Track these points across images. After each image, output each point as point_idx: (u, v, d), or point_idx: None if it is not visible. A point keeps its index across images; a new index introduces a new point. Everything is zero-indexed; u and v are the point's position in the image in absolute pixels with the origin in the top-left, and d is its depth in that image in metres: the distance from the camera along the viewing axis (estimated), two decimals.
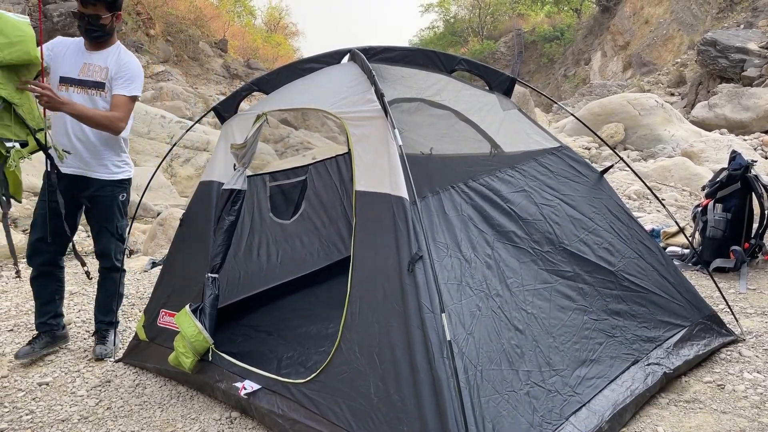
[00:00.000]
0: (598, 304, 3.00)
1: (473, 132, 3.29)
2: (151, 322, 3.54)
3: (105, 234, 3.75)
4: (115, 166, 3.70)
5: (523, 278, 2.82)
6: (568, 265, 3.02)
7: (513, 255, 2.86)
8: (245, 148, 3.24)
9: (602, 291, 3.06)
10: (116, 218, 3.74)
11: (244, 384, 2.92)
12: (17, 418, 3.13)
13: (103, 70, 3.57)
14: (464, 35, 48.16)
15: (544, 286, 2.88)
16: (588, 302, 2.97)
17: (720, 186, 5.07)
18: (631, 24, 31.95)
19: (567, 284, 2.96)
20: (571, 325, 2.84)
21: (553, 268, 2.97)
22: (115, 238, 3.78)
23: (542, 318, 2.76)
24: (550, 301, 2.85)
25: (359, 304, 2.57)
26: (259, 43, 34.39)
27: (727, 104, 15.94)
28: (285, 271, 4.58)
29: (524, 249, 2.92)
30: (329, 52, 3.48)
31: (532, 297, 2.79)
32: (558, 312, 2.84)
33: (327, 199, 5.03)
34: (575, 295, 2.96)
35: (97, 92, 3.56)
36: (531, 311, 2.74)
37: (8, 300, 5.00)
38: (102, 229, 3.75)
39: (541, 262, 2.94)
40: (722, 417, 2.80)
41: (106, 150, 3.64)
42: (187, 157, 12.89)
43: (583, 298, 2.97)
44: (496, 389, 2.38)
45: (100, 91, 3.56)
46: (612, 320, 3.01)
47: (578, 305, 2.93)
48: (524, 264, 2.88)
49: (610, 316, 3.01)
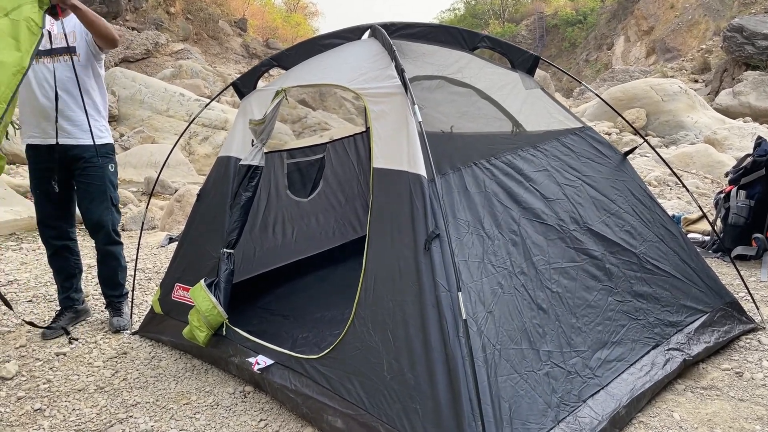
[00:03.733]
0: (623, 286, 2.95)
1: (495, 110, 3.24)
2: (166, 296, 3.55)
3: (100, 205, 3.66)
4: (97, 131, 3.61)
5: (549, 256, 2.76)
6: (594, 244, 2.96)
7: (540, 232, 2.80)
8: (263, 124, 3.22)
9: (627, 273, 3.00)
10: (109, 188, 3.67)
11: (257, 359, 2.93)
12: (35, 386, 3.17)
13: (71, 34, 3.48)
14: (485, 18, 47.69)
15: (571, 265, 2.82)
16: (613, 283, 2.92)
17: (744, 172, 4.98)
18: (655, 9, 31.41)
19: (594, 263, 2.90)
20: (596, 306, 2.79)
21: (580, 246, 2.90)
22: (114, 209, 3.72)
23: (567, 297, 2.71)
24: (576, 280, 2.79)
25: (374, 281, 2.55)
26: (279, 22, 34.33)
27: (752, 92, 15.67)
28: (300, 249, 4.57)
29: (551, 226, 2.86)
30: (350, 28, 3.43)
31: (558, 275, 2.74)
32: (583, 292, 2.79)
33: (344, 179, 5.01)
34: (601, 275, 2.90)
35: (70, 56, 3.48)
36: (556, 290, 2.69)
37: (27, 272, 5.06)
38: (96, 200, 3.65)
39: (569, 239, 2.88)
40: (739, 405, 2.77)
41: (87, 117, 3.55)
42: (206, 135, 12.93)
43: (608, 279, 2.91)
44: (514, 368, 2.35)
45: (72, 54, 3.49)
46: (636, 302, 2.95)
47: (604, 285, 2.88)
48: (551, 241, 2.82)
49: (634, 298, 2.95)
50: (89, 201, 3.66)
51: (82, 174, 3.61)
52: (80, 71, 3.50)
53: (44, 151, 3.54)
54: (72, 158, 3.58)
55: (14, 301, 4.37)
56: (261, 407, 2.91)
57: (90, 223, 3.71)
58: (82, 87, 3.51)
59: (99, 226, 3.69)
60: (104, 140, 3.66)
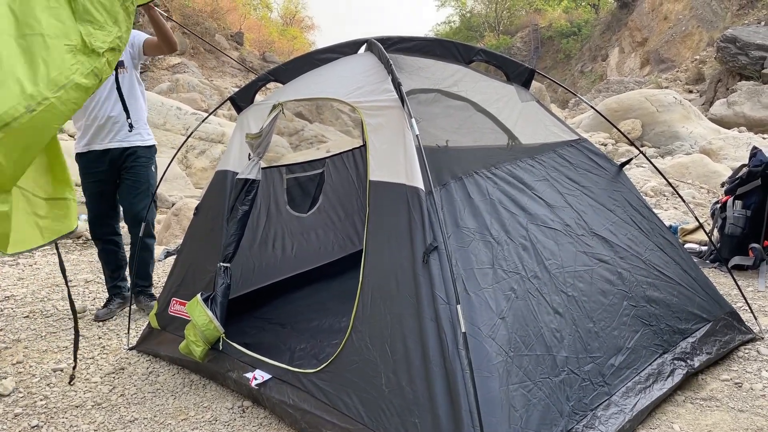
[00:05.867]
0: (636, 290, 2.93)
1: (490, 123, 3.25)
2: (163, 311, 3.55)
3: (143, 201, 4.06)
4: (146, 133, 4.12)
5: (563, 260, 2.75)
6: (603, 249, 2.95)
7: (550, 237, 2.79)
8: (260, 138, 3.23)
9: (638, 278, 2.99)
10: (152, 186, 4.11)
11: (254, 374, 2.92)
12: (32, 403, 3.15)
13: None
14: (480, 30, 47.90)
15: (585, 269, 2.80)
16: (627, 287, 2.90)
17: (740, 183, 4.99)
18: (649, 20, 31.62)
19: (606, 267, 2.89)
20: (612, 310, 2.77)
21: (591, 251, 2.89)
22: (154, 204, 4.13)
23: (583, 301, 2.68)
24: (591, 284, 2.77)
25: (371, 294, 2.55)
26: (275, 36, 34.47)
27: (747, 102, 15.75)
28: (299, 264, 4.57)
29: (560, 231, 2.85)
30: (346, 42, 3.45)
31: (573, 279, 2.71)
32: (599, 296, 2.77)
33: (343, 193, 5.01)
34: (615, 279, 2.88)
35: (120, 71, 3.89)
36: (572, 293, 2.66)
37: (24, 287, 5.04)
38: (140, 196, 4.07)
39: (579, 244, 2.87)
40: (739, 415, 2.76)
41: (135, 121, 4.02)
42: (202, 148, 12.93)
43: (622, 282, 2.89)
44: (528, 376, 2.32)
45: (120, 66, 3.88)
46: (649, 307, 2.93)
47: (619, 289, 2.86)
48: (562, 246, 2.80)
49: (647, 303, 2.94)
50: (134, 196, 4.08)
51: (129, 172, 4.06)
52: (128, 80, 3.98)
53: (98, 155, 4.00)
54: (123, 159, 4.03)
55: (11, 317, 4.35)
56: (259, 422, 2.89)
57: (132, 216, 4.11)
58: (132, 94, 4.00)
59: (141, 219, 3.99)
60: (150, 142, 4.16)
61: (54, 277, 5.32)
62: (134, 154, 4.05)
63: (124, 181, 4.09)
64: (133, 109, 4.00)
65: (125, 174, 4.07)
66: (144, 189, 4.09)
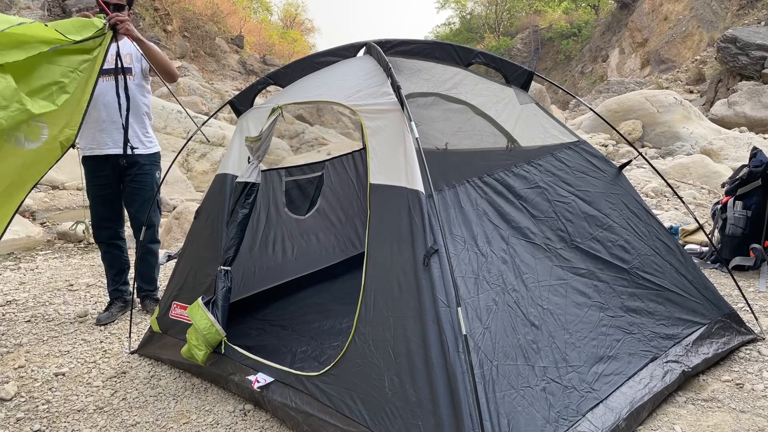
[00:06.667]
0: (614, 302, 2.96)
1: (489, 126, 3.26)
2: (164, 314, 3.55)
3: (148, 207, 4.11)
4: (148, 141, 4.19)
5: (538, 274, 2.79)
6: (581, 262, 2.99)
7: (528, 251, 2.83)
8: (260, 141, 3.23)
9: (617, 288, 3.02)
10: (156, 193, 4.16)
11: (257, 377, 2.92)
12: (33, 407, 3.16)
13: (127, 56, 3.94)
14: (480, 32, 47.99)
15: (560, 282, 2.84)
16: (603, 299, 2.94)
17: (740, 183, 5.00)
18: (649, 21, 31.64)
19: (582, 281, 2.93)
20: (588, 321, 2.81)
21: (567, 264, 2.93)
22: (158, 210, 4.22)
23: (558, 314, 2.72)
24: (565, 297, 2.81)
25: (373, 297, 2.56)
26: (275, 39, 34.53)
27: (747, 102, 15.75)
28: (300, 267, 4.58)
29: (538, 245, 2.89)
30: (345, 45, 3.46)
31: (547, 293, 2.76)
32: (574, 308, 2.81)
33: (343, 196, 5.03)
34: (591, 292, 2.92)
35: (125, 76, 3.94)
36: (547, 307, 2.71)
37: (26, 291, 5.05)
38: (146, 202, 4.14)
39: (555, 258, 2.91)
40: (741, 416, 2.76)
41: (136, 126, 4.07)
42: (203, 152, 12.95)
43: (598, 295, 2.93)
44: (511, 385, 2.36)
45: (128, 74, 3.95)
46: (629, 317, 2.96)
47: (594, 302, 2.90)
48: (539, 260, 2.84)
49: (626, 313, 2.97)
50: (139, 203, 4.16)
51: (135, 179, 4.13)
52: (135, 88, 4.04)
53: (102, 161, 4.05)
54: (127, 165, 4.07)
55: (13, 321, 4.36)
56: (261, 425, 2.89)
57: (137, 222, 4.17)
58: (137, 102, 4.06)
59: (145, 225, 4.05)
60: (154, 149, 4.24)
61: (56, 281, 5.33)
62: (137, 163, 4.10)
63: (129, 188, 4.15)
64: (136, 116, 4.05)
65: (130, 182, 4.13)
66: (148, 196, 4.15)
